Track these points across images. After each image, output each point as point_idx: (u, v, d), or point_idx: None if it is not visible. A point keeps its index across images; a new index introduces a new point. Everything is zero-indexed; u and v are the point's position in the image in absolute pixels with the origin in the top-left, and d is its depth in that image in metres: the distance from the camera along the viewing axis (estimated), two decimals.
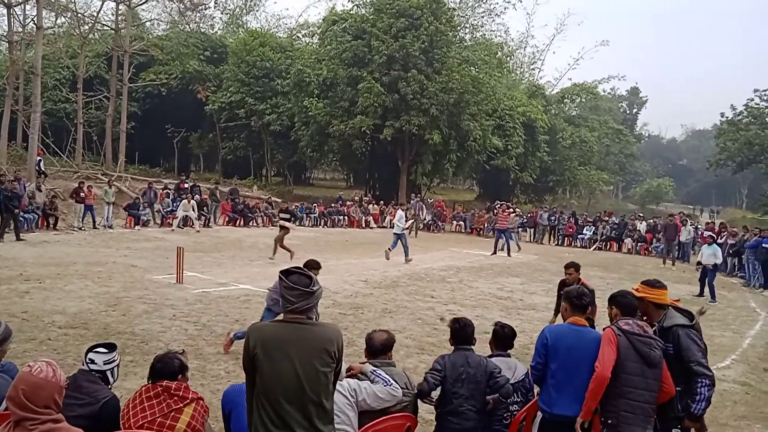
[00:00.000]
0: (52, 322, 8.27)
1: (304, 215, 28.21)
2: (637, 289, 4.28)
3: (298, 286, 2.96)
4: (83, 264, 13.21)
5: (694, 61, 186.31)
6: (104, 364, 3.68)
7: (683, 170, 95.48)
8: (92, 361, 3.66)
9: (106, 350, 3.73)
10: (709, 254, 14.94)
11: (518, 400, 4.43)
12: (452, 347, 4.43)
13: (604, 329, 4.03)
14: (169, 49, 35.36)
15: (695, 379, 3.98)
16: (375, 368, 3.99)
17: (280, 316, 3.19)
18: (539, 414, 4.18)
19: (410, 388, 4.12)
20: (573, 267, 7.15)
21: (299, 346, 2.91)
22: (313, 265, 7.22)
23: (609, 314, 4.21)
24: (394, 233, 17.63)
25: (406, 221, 18.57)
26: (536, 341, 4.15)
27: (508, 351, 4.73)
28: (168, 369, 3.52)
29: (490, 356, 4.59)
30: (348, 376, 3.99)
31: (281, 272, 3.05)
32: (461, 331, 4.41)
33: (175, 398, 3.38)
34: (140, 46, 33.10)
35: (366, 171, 41.01)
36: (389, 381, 3.89)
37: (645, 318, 4.21)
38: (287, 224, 16.48)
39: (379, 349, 4.26)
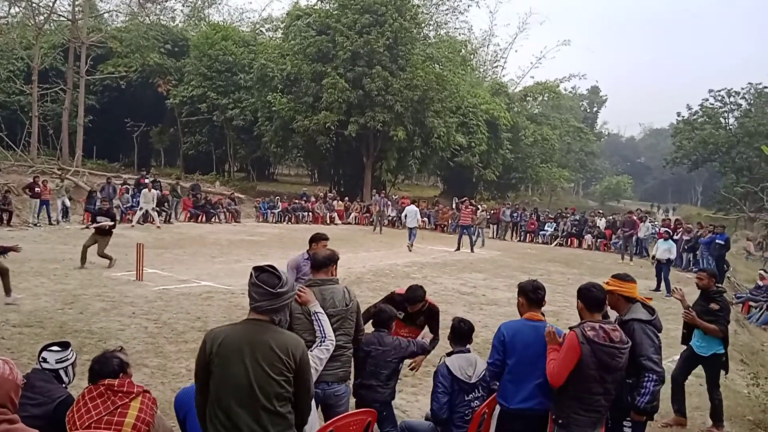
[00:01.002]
0: (6, 321, 8.03)
1: (268, 211, 28.01)
2: (607, 282, 4.35)
3: (264, 285, 2.87)
4: (38, 261, 12.85)
5: (653, 60, 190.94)
6: (56, 362, 3.59)
7: (641, 168, 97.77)
8: (45, 360, 3.57)
9: (59, 349, 3.64)
10: (664, 249, 15.25)
11: (479, 395, 4.45)
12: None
13: (570, 328, 4.01)
14: (128, 41, 34.51)
15: (643, 374, 4.10)
16: (317, 311, 3.91)
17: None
18: (497, 408, 4.22)
19: (350, 301, 4.33)
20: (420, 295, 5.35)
21: (253, 349, 2.82)
22: (322, 237, 6.59)
23: (576, 306, 4.22)
24: (410, 227, 20.18)
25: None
26: (493, 338, 4.16)
27: (468, 346, 4.73)
28: (107, 369, 3.38)
29: (450, 353, 4.61)
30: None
31: (254, 268, 2.97)
32: (377, 315, 4.84)
33: (120, 395, 3.26)
34: (98, 38, 32.25)
35: (330, 167, 40.83)
36: (323, 334, 3.83)
37: (613, 309, 4.33)
38: (107, 224, 13.05)
39: (322, 262, 4.40)
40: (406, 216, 21.30)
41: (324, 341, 3.81)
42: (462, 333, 4.72)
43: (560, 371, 3.79)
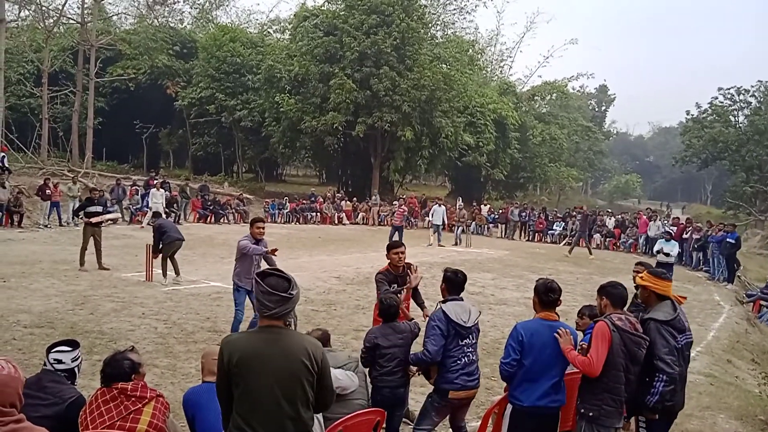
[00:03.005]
0: (17, 322, 8.09)
1: (276, 212, 28.06)
2: (642, 277, 4.44)
3: (276, 291, 2.78)
4: (49, 262, 12.94)
5: (662, 59, 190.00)
6: (72, 361, 3.62)
7: (650, 167, 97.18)
8: (59, 361, 3.58)
9: (69, 348, 3.65)
10: (668, 250, 13.91)
11: (473, 341, 4.66)
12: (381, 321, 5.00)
13: (595, 322, 4.11)
14: (136, 43, 34.68)
15: (654, 374, 4.13)
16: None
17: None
18: (509, 406, 4.23)
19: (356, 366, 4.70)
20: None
21: (275, 359, 2.77)
22: (257, 220, 8.14)
23: (598, 305, 4.31)
24: (435, 224, 21.65)
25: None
26: (509, 338, 4.17)
27: (461, 295, 4.84)
28: (119, 371, 3.40)
29: (445, 301, 4.71)
30: None
31: (257, 274, 2.89)
32: (386, 311, 4.89)
33: (133, 399, 3.29)
34: (107, 41, 32.45)
35: (338, 167, 40.88)
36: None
37: (644, 306, 4.47)
38: (100, 218, 12.76)
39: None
40: (433, 215, 22.29)
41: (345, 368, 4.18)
42: (457, 283, 4.84)
43: (599, 359, 3.86)
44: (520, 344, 4.07)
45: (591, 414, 3.95)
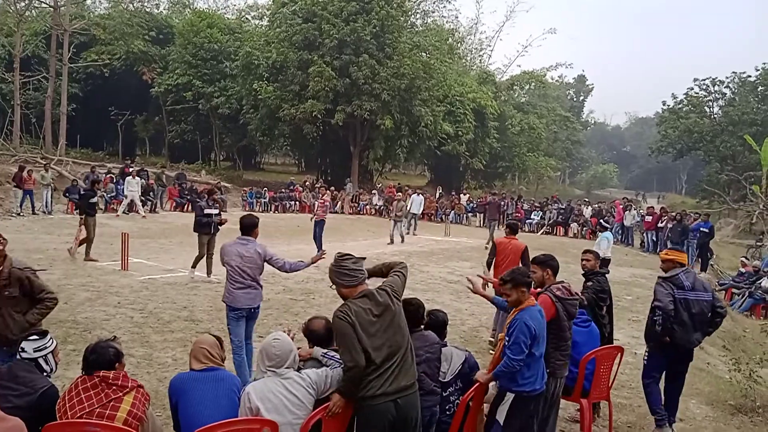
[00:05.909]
0: None
1: (254, 200, 27.89)
2: (666, 253, 5.84)
3: (352, 267, 3.71)
4: (22, 251, 12.70)
5: (639, 49, 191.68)
6: (34, 351, 3.57)
7: (627, 156, 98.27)
8: (23, 350, 3.55)
9: (36, 337, 3.62)
10: (610, 243, 12.44)
11: (459, 387, 4.31)
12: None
13: (539, 293, 4.57)
14: (111, 28, 34.01)
15: (654, 313, 5.62)
16: (324, 351, 3.86)
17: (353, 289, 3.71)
18: (509, 395, 4.17)
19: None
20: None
21: (385, 317, 3.59)
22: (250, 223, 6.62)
23: (539, 276, 4.79)
24: (413, 212, 21.71)
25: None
26: (519, 334, 4.01)
27: (444, 340, 4.50)
28: (103, 359, 3.37)
29: None
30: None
31: (336, 258, 3.75)
32: (415, 313, 4.28)
33: (114, 388, 3.27)
34: (81, 25, 31.83)
35: (318, 156, 40.70)
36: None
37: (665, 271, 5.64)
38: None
39: (325, 337, 3.97)
40: (412, 204, 21.91)
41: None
42: (434, 327, 4.43)
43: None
44: (532, 338, 4.01)
45: (548, 370, 4.36)
